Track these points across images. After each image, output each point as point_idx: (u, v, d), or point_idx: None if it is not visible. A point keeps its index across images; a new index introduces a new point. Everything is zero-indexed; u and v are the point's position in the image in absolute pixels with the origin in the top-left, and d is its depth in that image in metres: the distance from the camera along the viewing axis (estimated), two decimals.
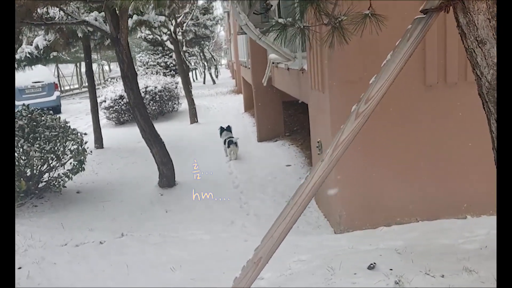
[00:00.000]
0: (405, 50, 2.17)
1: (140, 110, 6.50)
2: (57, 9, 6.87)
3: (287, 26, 3.29)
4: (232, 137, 8.54)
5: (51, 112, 6.69)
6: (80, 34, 8.19)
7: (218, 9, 34.17)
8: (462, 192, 4.55)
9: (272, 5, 5.45)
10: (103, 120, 12.94)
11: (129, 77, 6.34)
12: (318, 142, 5.00)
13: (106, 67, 46.12)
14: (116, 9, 5.97)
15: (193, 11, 15.14)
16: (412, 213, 4.57)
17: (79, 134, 6.71)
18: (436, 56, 4.26)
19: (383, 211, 4.56)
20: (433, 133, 4.44)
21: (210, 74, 35.02)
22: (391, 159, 4.47)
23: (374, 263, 3.52)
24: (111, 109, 13.97)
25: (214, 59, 38.39)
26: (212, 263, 4.14)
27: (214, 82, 33.77)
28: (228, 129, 9.04)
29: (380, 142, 4.43)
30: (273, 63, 8.44)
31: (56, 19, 7.08)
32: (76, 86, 38.11)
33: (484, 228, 4.27)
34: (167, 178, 6.84)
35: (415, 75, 4.31)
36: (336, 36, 3.17)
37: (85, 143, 6.80)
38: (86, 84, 10.37)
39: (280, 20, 3.23)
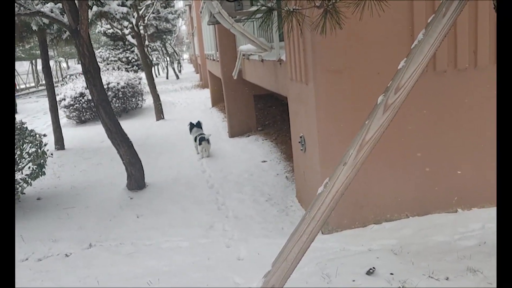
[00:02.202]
0: (440, 28, 1.85)
1: (105, 108, 6.01)
2: None
3: (273, 10, 2.94)
4: (203, 134, 8.14)
5: None
6: (34, 27, 7.56)
7: (179, 2, 33.48)
8: (452, 186, 4.36)
9: None
10: (63, 120, 12.23)
11: (92, 72, 5.83)
12: (300, 137, 4.70)
13: (64, 64, 44.41)
14: None
15: (155, 3, 14.49)
16: (402, 209, 4.34)
17: (37, 135, 6.15)
18: None
19: (372, 208, 4.31)
20: (421, 126, 4.21)
21: (173, 69, 34.26)
22: (379, 154, 4.20)
23: (373, 267, 3.26)
24: (71, 107, 13.25)
25: (177, 54, 37.64)
26: (194, 274, 3.77)
27: (177, 77, 33.03)
28: (198, 125, 8.63)
29: None
30: (244, 55, 8.07)
31: None
32: (33, 84, 36.45)
33: (478, 222, 4.10)
34: (136, 180, 6.39)
35: None
36: (329, 20, 2.84)
37: (45, 145, 6.25)
38: (43, 82, 9.69)
39: (266, 4, 2.87)
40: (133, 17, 11.99)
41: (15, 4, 5.92)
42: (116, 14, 8.18)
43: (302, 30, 4.04)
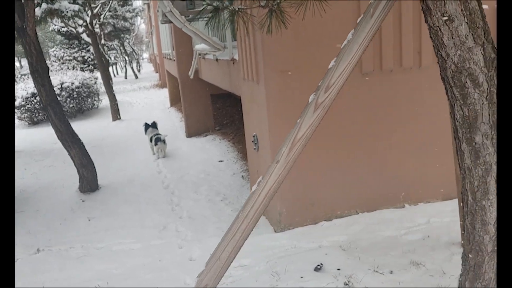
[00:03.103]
0: (368, 28, 1.90)
1: (54, 109, 5.83)
2: None
3: (219, 9, 2.94)
4: (159, 134, 8.04)
5: None
6: None
7: (138, 0, 32.91)
8: (399, 182, 4.50)
9: None
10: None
11: (39, 71, 5.65)
12: (253, 136, 4.72)
13: (17, 64, 42.75)
14: None
15: (110, 1, 14.19)
16: (352, 205, 4.44)
17: None
18: (371, 43, 4.11)
19: (322, 205, 4.38)
20: (369, 123, 4.32)
21: (132, 68, 33.67)
22: (328, 151, 4.29)
23: (321, 264, 3.31)
24: (22, 108, 12.79)
25: (136, 53, 37.03)
26: (145, 276, 3.72)
27: (136, 76, 32.49)
28: (154, 125, 8.52)
29: (316, 134, 4.22)
30: (199, 54, 8.03)
31: None
32: None
33: (424, 217, 4.24)
34: (89, 182, 6.24)
35: None
36: (274, 20, 2.86)
37: None
38: None
39: (212, 3, 2.86)
40: (87, 15, 11.69)
41: None
42: (67, 12, 7.93)
43: (247, 30, 4.05)
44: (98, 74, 19.27)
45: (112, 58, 32.35)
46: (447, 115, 4.02)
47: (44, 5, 7.37)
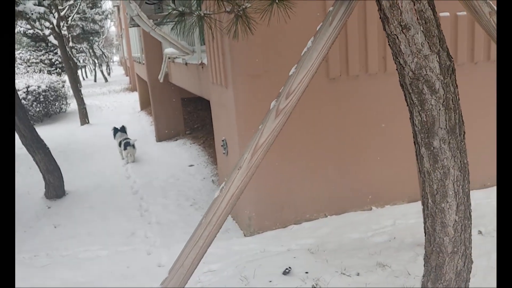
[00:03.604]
0: (328, 36, 1.93)
1: (18, 113, 5.67)
2: None
3: (185, 14, 2.93)
4: (128, 139, 7.93)
5: None
6: None
7: (108, 3, 32.45)
8: (366, 184, 4.58)
9: None
10: None
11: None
12: (222, 140, 4.72)
13: None
14: None
15: (79, 3, 13.94)
16: (321, 209, 4.49)
17: None
18: (338, 49, 4.19)
19: (292, 209, 4.41)
20: (337, 126, 4.38)
21: (102, 71, 33.14)
22: (297, 155, 4.33)
23: (289, 267, 3.34)
24: None
25: (105, 56, 36.49)
26: (112, 283, 3.66)
27: (106, 80, 31.99)
28: (123, 129, 8.40)
29: (285, 137, 4.26)
30: (169, 58, 7.97)
31: None
32: None
33: (390, 219, 4.33)
34: (55, 188, 6.09)
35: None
36: (240, 25, 2.88)
37: None
38: None
39: (178, 8, 2.86)
40: (54, 17, 11.44)
41: None
42: (32, 14, 7.74)
43: (214, 35, 4.07)
44: (66, 77, 18.88)
45: (81, 61, 31.74)
46: None
47: None
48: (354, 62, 4.25)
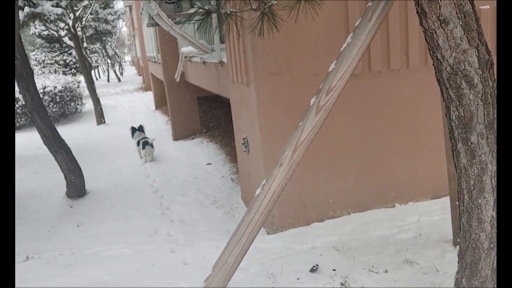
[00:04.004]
0: (367, 32, 1.92)
1: (40, 113, 5.74)
2: None
3: (211, 13, 2.93)
4: (146, 138, 7.98)
5: None
6: None
7: (119, 3, 32.66)
8: (390, 181, 4.54)
9: None
10: None
11: (24, 76, 5.55)
12: (244, 138, 4.72)
13: None
14: None
15: (93, 4, 14.04)
16: (343, 206, 4.47)
17: None
18: None
19: (315, 206, 4.40)
20: (359, 124, 4.36)
21: (115, 71, 33.37)
22: (320, 153, 4.31)
23: (317, 265, 3.33)
24: None
25: (118, 56, 36.72)
26: (136, 282, 3.68)
27: (119, 79, 32.20)
28: (140, 129, 8.45)
29: None
30: (185, 57, 7.99)
31: None
32: None
33: (414, 216, 4.29)
34: (76, 187, 6.15)
35: None
36: (266, 22, 2.87)
37: None
38: None
39: (204, 7, 2.86)
40: (70, 18, 11.54)
41: None
42: (50, 15, 7.81)
43: (240, 33, 4.05)
44: (80, 77, 19.05)
45: (94, 61, 32.02)
46: (436, 115, 4.09)
47: (26, 9, 7.25)
48: (376, 58, 4.21)
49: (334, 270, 3.28)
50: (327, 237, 4.04)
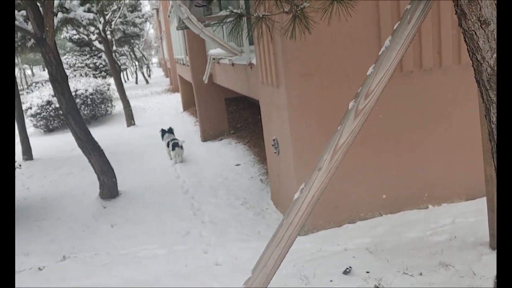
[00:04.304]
0: (406, 34, 1.91)
1: (74, 117, 5.90)
2: None
3: (243, 16, 2.96)
4: (176, 139, 8.09)
5: None
6: None
7: (146, 6, 33.18)
8: (422, 182, 4.48)
9: None
10: (30, 129, 11.95)
11: (59, 80, 5.72)
12: (273, 140, 4.73)
13: (28, 71, 43.29)
14: (40, 5, 5.34)
15: (121, 8, 14.32)
16: (376, 208, 4.43)
17: None
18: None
19: (346, 208, 4.38)
20: (391, 124, 4.31)
21: (142, 73, 33.90)
22: (351, 153, 4.26)
23: (350, 267, 3.31)
24: (38, 116, 12.93)
25: (145, 58, 37.28)
26: (171, 283, 3.74)
27: (147, 81, 32.70)
28: (170, 131, 8.58)
29: None
30: (213, 59, 8.07)
31: None
32: None
33: (448, 217, 4.22)
34: (109, 188, 6.29)
35: (371, 64, 4.14)
36: (298, 25, 2.88)
37: None
38: None
39: (236, 11, 2.89)
40: (100, 22, 11.80)
41: None
42: (82, 20, 8.03)
43: (272, 36, 4.08)
44: (110, 80, 19.43)
45: (122, 64, 32.61)
46: (471, 114, 4.01)
47: (60, 15, 7.46)
48: (408, 57, 4.16)
49: (367, 272, 3.26)
50: (359, 239, 4.02)
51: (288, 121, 4.17)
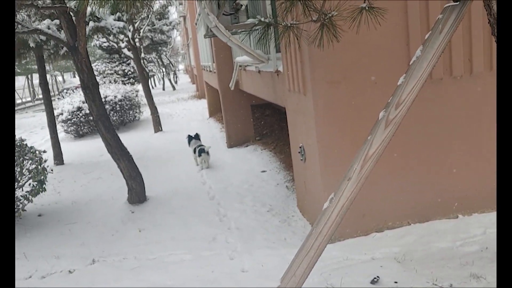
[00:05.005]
0: (438, 44, 1.90)
1: (104, 123, 6.03)
2: None
3: (271, 25, 2.99)
4: (202, 146, 8.17)
5: None
6: (32, 44, 7.60)
7: (174, 14, 33.69)
8: (452, 191, 4.40)
9: (242, 5, 5.15)
10: (61, 134, 12.25)
11: (90, 87, 5.87)
12: (300, 147, 4.73)
13: (59, 78, 44.47)
14: (73, 15, 5.50)
15: (150, 16, 14.59)
16: (403, 217, 4.37)
17: (37, 152, 6.16)
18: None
19: (374, 216, 4.33)
20: (420, 132, 4.25)
21: (169, 80, 34.38)
22: (379, 162, 4.24)
23: (377, 276, 3.28)
24: (69, 122, 13.27)
25: (172, 65, 37.81)
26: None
27: (174, 88, 33.15)
28: (197, 137, 8.66)
29: None
30: (240, 66, 8.13)
31: None
32: (29, 99, 36.44)
33: (479, 228, 4.13)
34: (137, 193, 6.40)
35: (399, 71, 4.10)
36: (326, 33, 2.89)
37: (45, 161, 6.26)
38: (40, 96, 9.70)
39: (264, 20, 2.92)
40: (129, 30, 12.05)
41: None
42: (112, 29, 8.24)
43: (300, 44, 4.09)
44: (138, 86, 19.79)
45: (150, 71, 33.18)
46: None
47: (91, 23, 7.67)
48: (438, 64, 4.09)
49: (395, 282, 3.22)
50: (387, 248, 3.97)
51: (314, 128, 4.17)
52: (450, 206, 4.42)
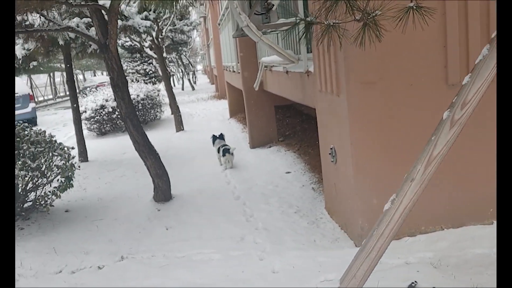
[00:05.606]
0: None
1: (133, 121, 6.07)
2: (37, 15, 6.38)
3: (312, 24, 2.96)
4: (227, 145, 8.17)
5: (28, 125, 6.18)
6: (61, 42, 7.70)
7: (194, 14, 33.89)
8: (487, 196, 4.29)
9: (273, 5, 5.13)
10: (84, 131, 12.37)
11: (120, 86, 5.91)
12: (331, 149, 4.69)
13: (80, 76, 45.08)
14: (105, 13, 5.55)
15: (172, 16, 14.67)
16: (437, 221, 4.30)
17: (66, 148, 6.23)
18: (458, 53, 4.00)
19: (406, 220, 4.23)
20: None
21: (189, 80, 34.56)
22: (409, 163, 4.17)
23: (415, 281, 3.22)
24: (92, 119, 13.42)
25: (192, 65, 38.01)
26: (229, 287, 3.76)
27: (193, 88, 33.32)
28: (221, 137, 8.67)
29: (400, 145, 4.14)
30: (265, 66, 8.11)
31: (36, 26, 6.59)
32: (50, 96, 37.01)
33: None
34: (163, 192, 6.42)
35: (436, 73, 4.05)
36: (368, 33, 2.85)
37: (73, 157, 6.33)
38: (61, 94, 9.82)
39: (306, 18, 2.90)
40: (153, 30, 12.14)
41: (45, 20, 6.06)
42: (139, 28, 8.30)
43: (341, 43, 4.06)
44: (160, 86, 19.93)
45: (170, 71, 33.41)
46: None
47: (119, 22, 7.74)
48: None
49: None
50: (421, 253, 3.91)
51: (348, 129, 4.12)
52: (485, 211, 4.32)
